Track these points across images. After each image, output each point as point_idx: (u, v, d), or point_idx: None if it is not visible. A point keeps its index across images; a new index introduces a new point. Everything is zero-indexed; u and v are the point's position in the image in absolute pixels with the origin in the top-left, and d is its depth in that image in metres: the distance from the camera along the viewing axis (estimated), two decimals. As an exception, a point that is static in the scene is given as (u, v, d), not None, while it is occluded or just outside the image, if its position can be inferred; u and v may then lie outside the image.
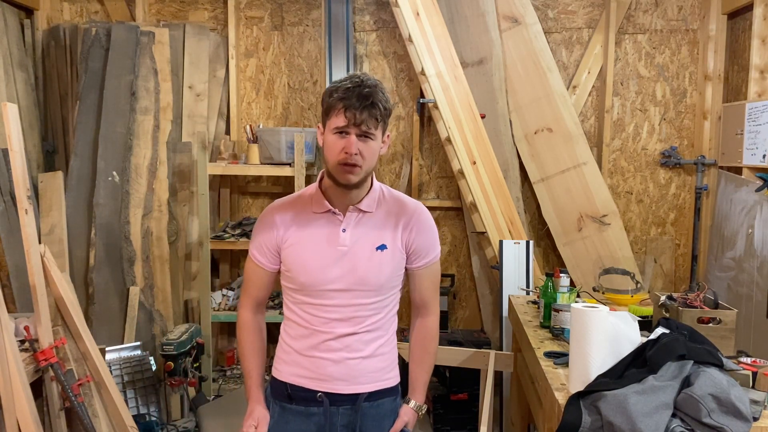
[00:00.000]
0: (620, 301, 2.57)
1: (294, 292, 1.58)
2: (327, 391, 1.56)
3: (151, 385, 3.25)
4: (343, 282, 1.53)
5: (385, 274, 1.57)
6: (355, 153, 1.45)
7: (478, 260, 3.96)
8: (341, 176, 1.48)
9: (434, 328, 1.73)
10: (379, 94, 1.46)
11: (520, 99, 3.82)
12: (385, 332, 1.62)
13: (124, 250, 3.50)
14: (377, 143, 1.49)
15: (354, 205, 1.55)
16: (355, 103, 1.43)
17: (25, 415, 2.11)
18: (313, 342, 1.56)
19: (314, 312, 1.56)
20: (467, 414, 3.28)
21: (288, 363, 1.60)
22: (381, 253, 1.56)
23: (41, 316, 2.26)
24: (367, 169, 1.49)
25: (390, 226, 1.58)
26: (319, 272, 1.53)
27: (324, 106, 1.51)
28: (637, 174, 3.97)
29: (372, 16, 3.99)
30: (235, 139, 4.02)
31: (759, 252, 3.17)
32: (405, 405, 1.69)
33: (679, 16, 3.86)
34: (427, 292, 1.69)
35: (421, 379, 1.72)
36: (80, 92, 3.63)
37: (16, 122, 2.15)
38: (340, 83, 1.47)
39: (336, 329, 1.55)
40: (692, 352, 1.52)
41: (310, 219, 1.57)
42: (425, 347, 1.73)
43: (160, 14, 4.04)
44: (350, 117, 1.43)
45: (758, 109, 3.25)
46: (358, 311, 1.55)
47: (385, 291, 1.58)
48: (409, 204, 1.63)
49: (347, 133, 1.45)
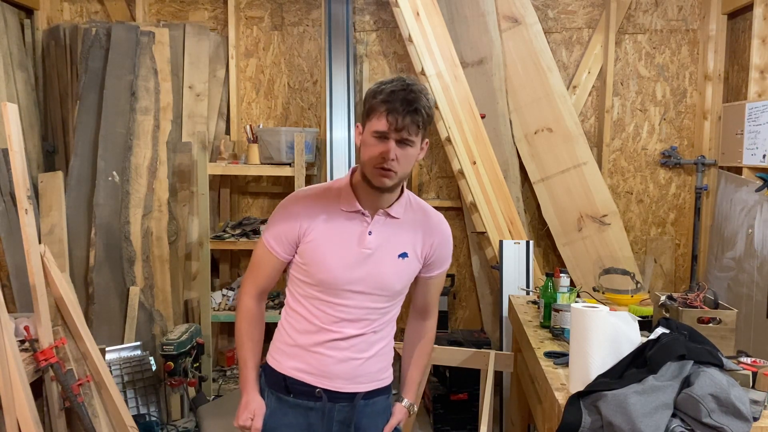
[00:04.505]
0: (620, 301, 2.57)
1: (308, 287, 1.55)
2: (326, 388, 1.55)
3: (151, 385, 3.25)
4: (362, 284, 1.52)
5: (403, 282, 1.58)
6: (393, 159, 1.42)
7: (478, 260, 3.96)
8: (376, 179, 1.45)
9: (433, 330, 1.75)
10: (423, 99, 1.42)
11: (520, 99, 3.82)
12: (388, 334, 1.63)
13: (124, 250, 3.50)
14: (415, 150, 1.46)
15: (383, 209, 1.53)
16: (398, 107, 1.39)
17: (25, 415, 2.11)
18: (319, 339, 1.54)
19: (326, 309, 1.53)
20: (467, 414, 3.28)
21: (289, 356, 1.58)
22: (402, 261, 1.55)
23: (41, 316, 2.26)
24: (402, 174, 1.46)
25: (413, 235, 1.57)
26: (341, 272, 1.50)
27: (366, 107, 1.47)
28: (637, 174, 3.97)
29: (372, 16, 3.99)
30: (235, 139, 4.02)
31: (759, 252, 3.17)
32: (398, 403, 1.70)
33: (679, 16, 3.85)
34: (433, 299, 1.71)
35: (415, 378, 1.73)
36: (80, 92, 3.62)
37: (16, 122, 2.15)
38: (384, 84, 1.43)
39: (345, 329, 1.53)
40: (692, 352, 1.52)
41: (336, 215, 1.52)
42: (424, 348, 1.75)
43: (160, 14, 4.04)
44: (392, 121, 1.40)
45: (758, 109, 3.25)
46: (369, 314, 1.55)
47: (396, 296, 1.59)
48: (433, 215, 1.63)
49: (387, 138, 1.42)
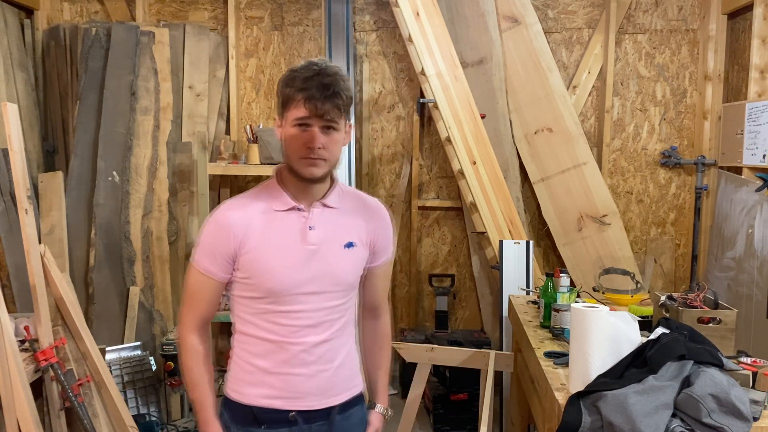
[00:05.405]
0: (620, 301, 2.56)
1: (256, 302, 1.44)
2: (300, 410, 1.44)
3: (151, 385, 3.25)
4: (315, 284, 1.42)
5: (356, 273, 1.50)
6: (320, 147, 1.35)
7: (478, 260, 3.96)
8: (305, 170, 1.38)
9: (388, 327, 1.68)
10: (341, 82, 1.35)
11: (520, 99, 3.82)
12: (349, 337, 1.54)
13: (124, 250, 3.50)
14: (341, 134, 1.39)
15: (319, 200, 1.45)
16: (316, 93, 1.32)
17: (25, 415, 2.11)
18: (283, 357, 1.42)
19: (281, 321, 1.42)
20: (467, 414, 3.29)
21: (253, 384, 1.45)
22: (350, 251, 1.47)
23: (41, 316, 2.26)
24: (331, 162, 1.40)
25: (356, 223, 1.50)
26: (289, 275, 1.40)
27: (281, 98, 1.39)
28: (637, 174, 3.97)
29: (372, 16, 3.99)
30: (235, 139, 4.02)
31: (759, 252, 3.17)
32: (372, 411, 1.62)
33: (679, 16, 3.85)
34: (382, 292, 1.64)
35: (382, 381, 1.66)
36: (80, 92, 3.62)
37: (16, 122, 2.15)
38: (297, 71, 1.36)
39: (307, 338, 1.43)
40: (692, 352, 1.52)
41: (272, 218, 1.43)
42: (383, 348, 1.67)
43: (160, 14, 4.04)
44: (311, 108, 1.33)
45: (758, 109, 3.25)
46: (328, 315, 1.45)
47: (351, 290, 1.51)
48: (371, 201, 1.57)
49: (309, 126, 1.35)
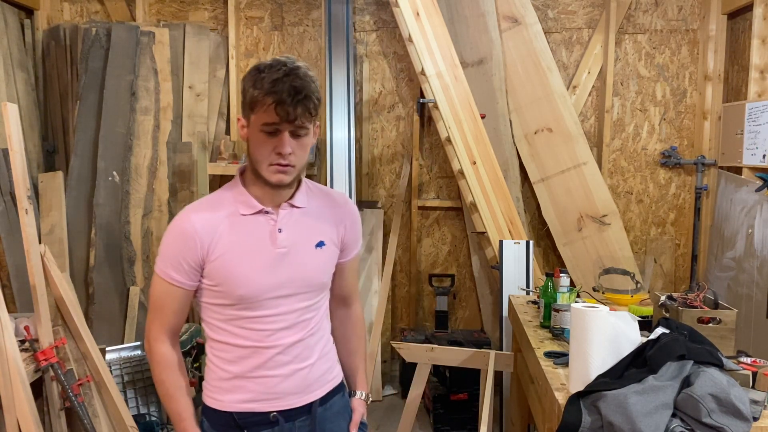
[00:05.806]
0: (620, 301, 2.57)
1: (226, 309, 1.39)
2: (280, 410, 1.42)
3: (151, 385, 3.24)
4: (288, 287, 1.39)
5: (328, 273, 1.49)
6: (290, 153, 1.31)
7: (478, 260, 3.96)
8: (273, 177, 1.33)
9: (361, 314, 1.68)
10: (311, 84, 1.29)
11: (520, 99, 3.82)
12: (325, 331, 1.52)
13: (124, 250, 3.50)
14: (310, 137, 1.35)
15: (286, 202, 1.42)
16: (286, 98, 1.25)
17: (25, 415, 2.11)
18: (258, 361, 1.40)
19: (256, 326, 1.38)
20: (467, 414, 3.29)
21: (230, 390, 1.42)
22: (320, 251, 1.45)
23: (41, 316, 2.26)
24: (300, 167, 1.37)
25: (325, 222, 1.48)
26: (261, 280, 1.37)
27: (246, 98, 1.31)
28: (637, 174, 3.97)
29: (372, 16, 3.99)
30: (235, 139, 4.02)
31: (759, 252, 3.17)
32: (354, 398, 1.62)
33: (679, 16, 3.85)
34: (352, 284, 1.64)
35: (360, 367, 1.66)
36: (80, 92, 3.63)
37: (16, 122, 2.15)
38: (264, 72, 1.28)
39: (282, 339, 1.40)
40: (692, 352, 1.52)
41: (238, 222, 1.38)
42: (358, 334, 1.67)
43: (160, 14, 4.04)
44: (282, 114, 1.26)
45: (758, 109, 3.25)
46: (302, 315, 1.43)
47: (324, 289, 1.49)
48: (338, 197, 1.55)
49: (279, 131, 1.29)
